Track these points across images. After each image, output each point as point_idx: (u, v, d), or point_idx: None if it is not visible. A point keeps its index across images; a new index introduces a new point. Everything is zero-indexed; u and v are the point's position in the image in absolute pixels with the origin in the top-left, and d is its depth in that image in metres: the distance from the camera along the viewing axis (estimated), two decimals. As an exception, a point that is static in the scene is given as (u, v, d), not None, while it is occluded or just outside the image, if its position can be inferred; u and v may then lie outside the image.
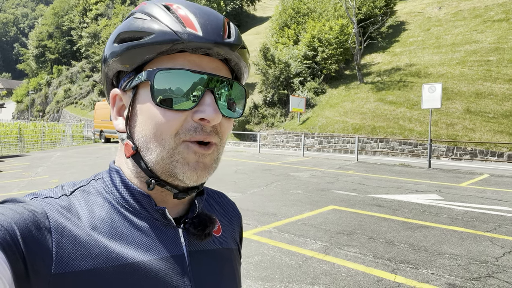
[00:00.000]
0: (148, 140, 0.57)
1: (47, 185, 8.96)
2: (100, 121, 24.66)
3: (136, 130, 0.58)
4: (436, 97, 12.60)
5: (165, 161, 0.57)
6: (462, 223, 5.92)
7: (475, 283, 3.73)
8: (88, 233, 0.54)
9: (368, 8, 27.23)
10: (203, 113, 0.55)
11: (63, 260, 0.50)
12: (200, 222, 0.63)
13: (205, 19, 0.56)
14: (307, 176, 10.58)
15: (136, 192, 0.60)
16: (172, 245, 0.60)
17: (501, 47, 21.66)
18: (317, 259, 4.36)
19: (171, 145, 0.56)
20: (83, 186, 0.61)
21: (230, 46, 0.57)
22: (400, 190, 8.66)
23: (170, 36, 0.54)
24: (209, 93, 0.56)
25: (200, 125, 0.56)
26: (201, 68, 0.57)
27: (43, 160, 14.78)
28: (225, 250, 0.70)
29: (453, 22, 27.16)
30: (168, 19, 0.55)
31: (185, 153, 0.56)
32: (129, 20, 0.58)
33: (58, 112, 55.87)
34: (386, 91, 21.62)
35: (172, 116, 0.55)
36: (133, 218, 0.59)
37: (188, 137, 0.56)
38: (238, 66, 0.62)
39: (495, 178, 10.73)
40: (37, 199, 0.55)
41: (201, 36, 0.54)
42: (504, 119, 16.35)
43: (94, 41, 54.15)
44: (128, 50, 0.56)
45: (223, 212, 0.77)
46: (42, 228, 0.50)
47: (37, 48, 68.48)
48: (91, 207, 0.58)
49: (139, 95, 0.58)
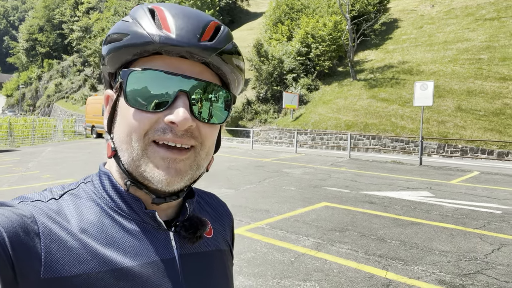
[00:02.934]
0: (121, 140, 0.57)
1: (38, 180, 8.87)
2: (92, 116, 24.44)
3: (114, 130, 0.59)
4: (428, 94, 12.69)
5: (135, 163, 0.56)
6: (452, 220, 5.99)
7: (465, 280, 3.79)
8: (78, 238, 0.53)
9: (362, 5, 27.26)
10: (172, 115, 0.54)
11: (52, 265, 0.49)
12: (191, 225, 0.63)
13: (184, 21, 0.55)
14: (300, 173, 10.62)
15: (125, 195, 0.59)
16: (163, 248, 0.60)
17: (492, 46, 21.86)
18: (309, 255, 4.39)
19: (140, 145, 0.55)
20: (72, 189, 0.60)
21: (205, 49, 0.55)
22: (392, 187, 8.73)
23: (143, 38, 0.54)
24: (183, 96, 0.55)
25: (169, 127, 0.55)
26: (179, 71, 0.55)
27: (34, 155, 14.63)
28: (217, 252, 0.69)
29: (446, 20, 27.32)
30: (146, 21, 0.55)
31: (153, 157, 0.55)
32: (118, 22, 0.59)
33: (49, 106, 55.27)
34: (378, 88, 21.72)
35: (143, 117, 0.54)
36: (124, 221, 0.58)
37: (156, 137, 0.55)
38: (221, 71, 0.59)
39: (485, 175, 10.87)
40: (25, 203, 0.54)
41: (173, 38, 0.53)
42: (494, 117, 16.54)
43: (85, 34, 53.54)
44: (110, 52, 0.57)
45: (214, 213, 0.76)
46: (31, 232, 0.49)
47: (27, 41, 67.56)
48: (80, 210, 0.57)
49: (120, 96, 0.58)
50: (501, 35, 22.57)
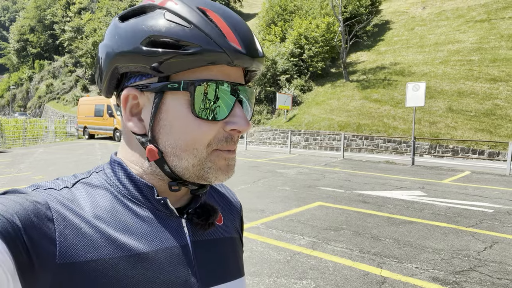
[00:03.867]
0: (178, 149, 0.57)
1: (30, 182, 8.80)
2: (84, 117, 24.26)
3: (163, 136, 0.57)
4: (420, 95, 12.82)
5: (196, 168, 0.58)
6: (445, 218, 6.07)
7: (458, 277, 3.84)
8: (92, 224, 0.54)
9: (354, 6, 27.47)
10: (236, 124, 0.57)
11: (67, 250, 0.50)
12: (203, 211, 0.64)
13: (242, 32, 0.56)
14: (294, 173, 10.66)
15: (139, 182, 0.60)
16: (176, 235, 0.60)
17: (483, 47, 22.15)
18: (304, 254, 4.42)
19: (203, 154, 0.57)
20: (84, 178, 0.61)
21: (262, 59, 0.58)
22: (385, 186, 8.81)
23: (217, 51, 0.53)
24: (239, 103, 0.58)
25: (230, 135, 0.58)
26: (231, 78, 0.57)
27: (26, 157, 14.49)
28: (228, 239, 0.70)
29: (437, 22, 27.63)
30: (211, 30, 0.53)
31: (217, 161, 0.58)
32: (159, 19, 0.54)
33: (40, 107, 54.73)
34: (371, 89, 21.88)
35: (207, 128, 0.56)
36: (137, 208, 0.59)
37: (219, 147, 0.58)
38: (258, 74, 0.64)
39: (476, 175, 11.01)
40: (38, 190, 0.55)
41: (244, 54, 0.54)
42: (485, 118, 16.75)
43: (77, 35, 53.08)
44: (165, 56, 0.53)
45: (223, 202, 0.77)
46: (44, 218, 0.50)
47: (18, 42, 66.78)
48: (93, 198, 0.57)
49: (166, 100, 0.56)
50: (491, 36, 22.88)
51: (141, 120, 0.59)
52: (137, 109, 0.59)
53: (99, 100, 23.68)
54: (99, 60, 0.61)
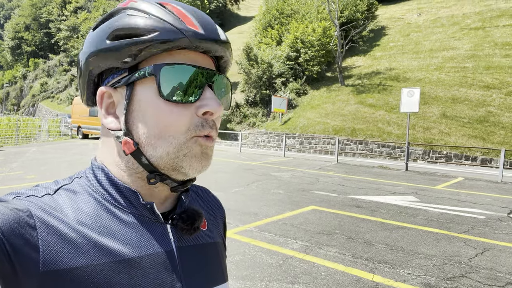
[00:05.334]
0: (153, 137, 0.56)
1: (22, 181, 8.71)
2: (78, 116, 24.10)
3: (136, 127, 0.57)
4: (415, 101, 12.91)
5: (170, 156, 0.57)
6: (437, 224, 6.09)
7: (449, 283, 3.86)
8: (75, 230, 0.53)
9: (350, 12, 27.62)
10: (207, 106, 0.57)
11: (51, 257, 0.49)
12: (188, 216, 0.63)
13: (200, 18, 0.58)
14: (288, 176, 10.66)
15: (122, 188, 0.59)
16: (161, 241, 0.60)
17: (477, 54, 22.36)
18: (297, 258, 4.41)
19: (180, 140, 0.57)
20: (66, 184, 0.60)
21: (225, 44, 0.60)
22: (379, 191, 8.83)
23: (175, 34, 0.54)
24: (209, 87, 0.59)
25: (205, 119, 0.58)
26: (198, 63, 0.58)
27: (18, 156, 14.35)
28: (212, 244, 0.70)
29: (432, 28, 27.86)
30: (168, 17, 0.55)
31: (193, 147, 0.58)
32: (122, 17, 0.56)
33: (34, 106, 54.33)
34: (366, 94, 21.99)
35: (180, 112, 0.56)
36: (121, 214, 0.59)
37: (197, 133, 0.57)
38: (227, 63, 0.65)
39: (469, 181, 11.09)
40: (19, 198, 0.54)
41: (204, 34, 0.56)
42: (478, 124, 16.89)
43: (73, 34, 52.87)
44: (128, 47, 0.54)
45: (207, 207, 0.77)
46: (26, 226, 0.49)
47: (13, 39, 66.34)
48: (77, 204, 0.56)
49: (136, 91, 0.57)
50: (485, 44, 23.11)
51: (116, 117, 0.60)
52: (113, 107, 0.60)
53: (94, 100, 23.51)
54: (79, 71, 0.63)
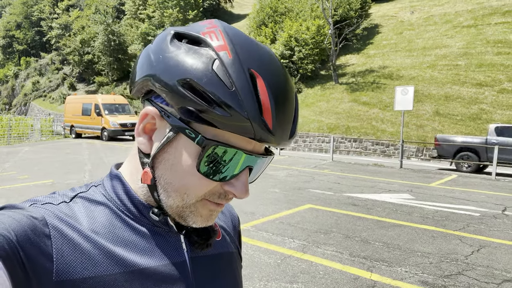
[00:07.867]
0: (171, 187, 0.56)
1: (15, 181, 8.62)
2: (71, 115, 23.87)
3: (161, 168, 0.56)
4: (409, 99, 12.97)
5: (179, 209, 0.57)
6: (433, 222, 6.14)
7: (447, 281, 3.88)
8: (90, 240, 0.53)
9: (344, 10, 27.67)
10: (235, 190, 0.55)
11: (65, 267, 0.50)
12: (204, 230, 0.63)
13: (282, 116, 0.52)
14: (284, 175, 10.67)
15: (136, 200, 0.60)
16: (174, 251, 0.61)
17: (470, 52, 22.51)
18: (295, 257, 4.41)
19: (191, 201, 0.56)
20: (83, 192, 0.60)
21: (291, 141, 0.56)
22: (374, 189, 8.87)
23: (245, 130, 0.50)
24: (247, 170, 0.56)
25: (225, 193, 0.57)
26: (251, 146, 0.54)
27: (10, 155, 14.20)
28: (226, 254, 0.70)
29: (425, 26, 27.99)
30: (251, 107, 0.49)
31: (201, 209, 0.57)
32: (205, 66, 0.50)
33: (26, 105, 53.71)
34: (360, 92, 22.06)
35: (206, 184, 0.55)
36: (135, 224, 0.59)
37: (210, 199, 0.57)
38: None
39: (462, 178, 11.18)
40: (36, 205, 0.54)
41: (272, 139, 0.52)
42: (470, 122, 17.03)
43: (65, 32, 52.33)
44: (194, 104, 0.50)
45: (221, 216, 0.77)
46: (41, 235, 0.49)
47: (4, 38, 65.47)
48: (92, 213, 0.57)
49: (179, 140, 0.54)
50: (477, 42, 23.28)
51: (150, 140, 0.58)
52: (151, 128, 0.58)
53: (86, 99, 23.34)
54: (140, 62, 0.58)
